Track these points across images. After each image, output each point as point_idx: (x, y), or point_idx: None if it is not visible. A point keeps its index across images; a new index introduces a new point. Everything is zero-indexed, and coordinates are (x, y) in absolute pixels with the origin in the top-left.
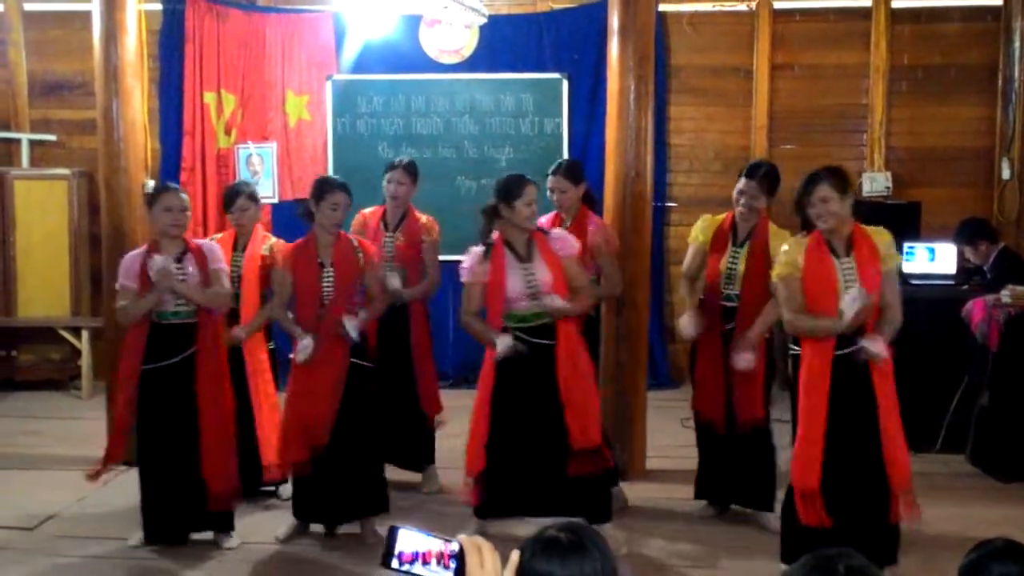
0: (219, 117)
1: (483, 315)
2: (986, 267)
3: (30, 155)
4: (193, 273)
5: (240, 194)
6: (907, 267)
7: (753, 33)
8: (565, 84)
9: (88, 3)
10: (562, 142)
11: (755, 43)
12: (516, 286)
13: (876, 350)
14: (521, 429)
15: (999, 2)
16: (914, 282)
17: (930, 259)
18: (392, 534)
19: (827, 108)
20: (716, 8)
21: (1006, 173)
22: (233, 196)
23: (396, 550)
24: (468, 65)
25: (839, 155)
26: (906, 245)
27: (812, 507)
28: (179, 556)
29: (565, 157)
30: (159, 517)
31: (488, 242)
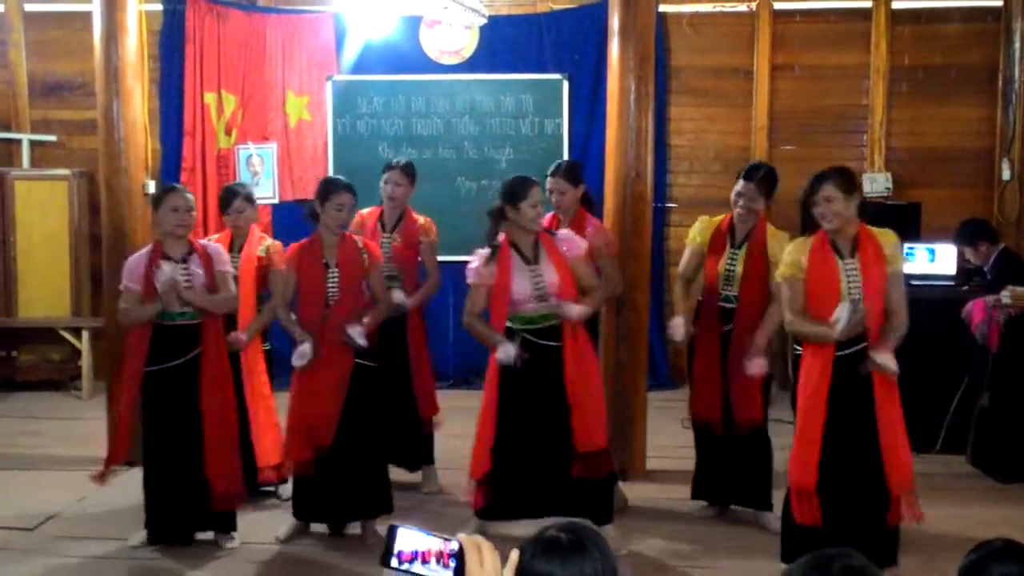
0: (219, 117)
1: (487, 316)
2: (986, 268)
3: (30, 155)
4: (198, 274)
5: (236, 195)
6: (907, 268)
7: (753, 34)
8: (565, 85)
9: (88, 3)
10: (562, 143)
11: (755, 44)
12: (523, 288)
13: (883, 362)
14: (527, 431)
15: (999, 3)
16: (914, 283)
17: (930, 260)
18: (391, 533)
19: (827, 109)
20: (716, 9)
21: (1006, 174)
22: (229, 197)
23: (395, 549)
24: (468, 66)
25: (839, 156)
26: (906, 246)
27: (807, 506)
28: (181, 556)
29: (565, 158)
30: (163, 517)
31: (494, 244)
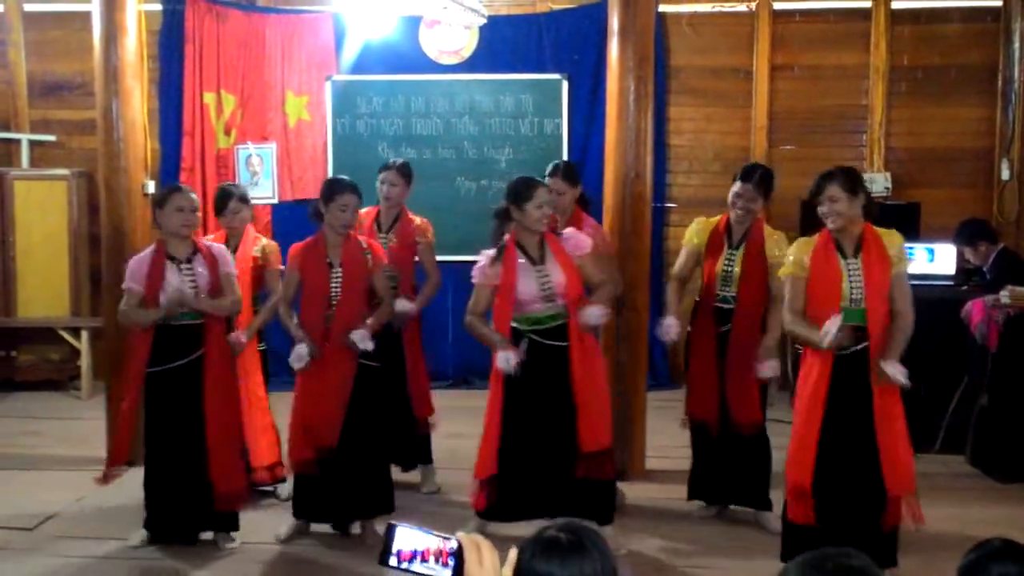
0: (219, 117)
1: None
2: (985, 268)
3: (30, 155)
4: (202, 274)
5: (231, 196)
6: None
7: (753, 34)
8: (565, 85)
9: (88, 3)
10: (562, 143)
11: (755, 44)
12: (529, 289)
13: (892, 373)
14: (533, 432)
15: (999, 3)
16: (913, 283)
17: (929, 260)
18: (390, 532)
19: (827, 109)
20: (716, 9)
21: (1005, 174)
22: (225, 199)
23: (394, 548)
24: (468, 66)
25: (839, 156)
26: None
27: (801, 505)
28: (183, 556)
29: (564, 158)
30: (164, 517)
31: (500, 244)
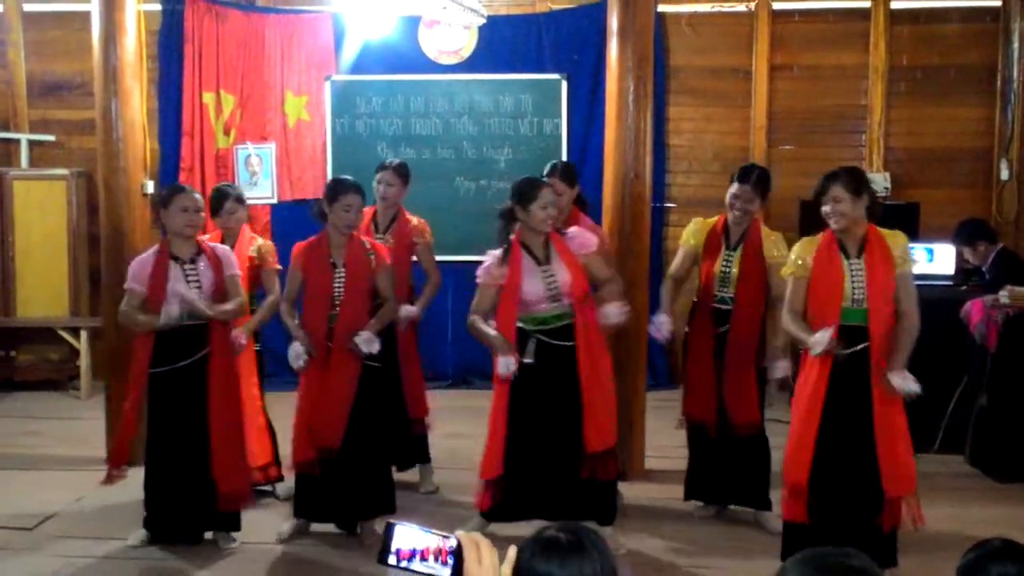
0: (218, 117)
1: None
2: (984, 268)
3: (29, 155)
4: (207, 275)
5: (228, 197)
6: None
7: (752, 34)
8: (564, 85)
9: (87, 3)
10: (561, 143)
11: (754, 44)
12: (535, 289)
13: (898, 385)
14: (539, 432)
15: (998, 3)
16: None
17: (929, 260)
18: (389, 531)
19: (826, 109)
20: (715, 9)
21: (1005, 174)
22: (221, 199)
23: (393, 547)
24: (467, 66)
25: (838, 156)
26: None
27: (797, 503)
28: (186, 556)
29: (564, 158)
30: (164, 517)
31: (506, 244)
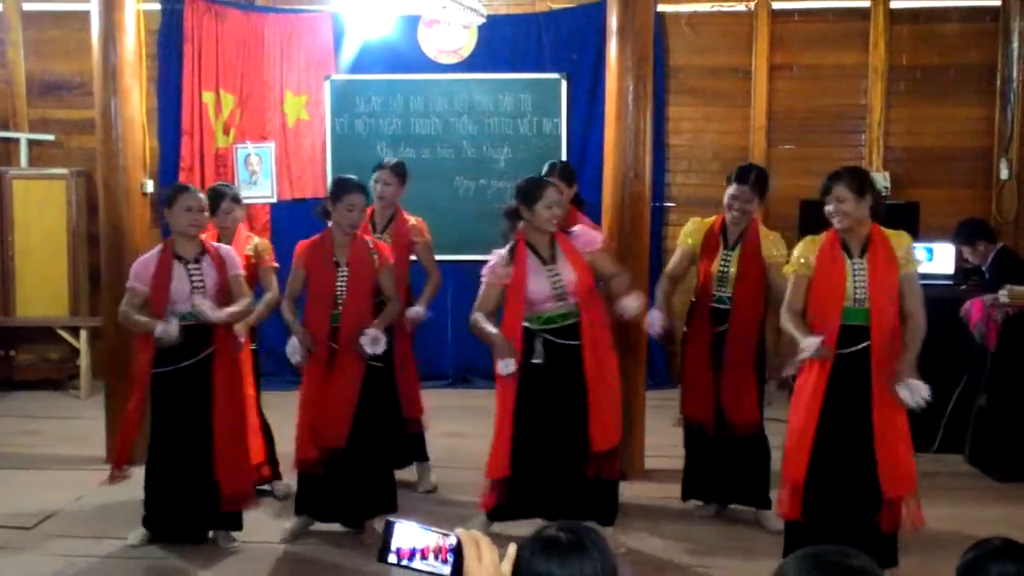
0: (217, 117)
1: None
2: (984, 267)
3: (28, 155)
4: (211, 275)
5: (224, 196)
6: None
7: (752, 33)
8: (564, 84)
9: (87, 3)
10: (561, 142)
11: (754, 43)
12: (541, 288)
13: (907, 397)
14: (545, 432)
15: (998, 2)
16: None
17: (928, 259)
18: (388, 529)
19: (826, 108)
20: (715, 8)
21: (1004, 173)
22: (217, 199)
23: (393, 545)
24: (467, 65)
25: (838, 155)
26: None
27: (792, 500)
28: (188, 556)
29: (564, 158)
30: (166, 516)
31: (512, 244)
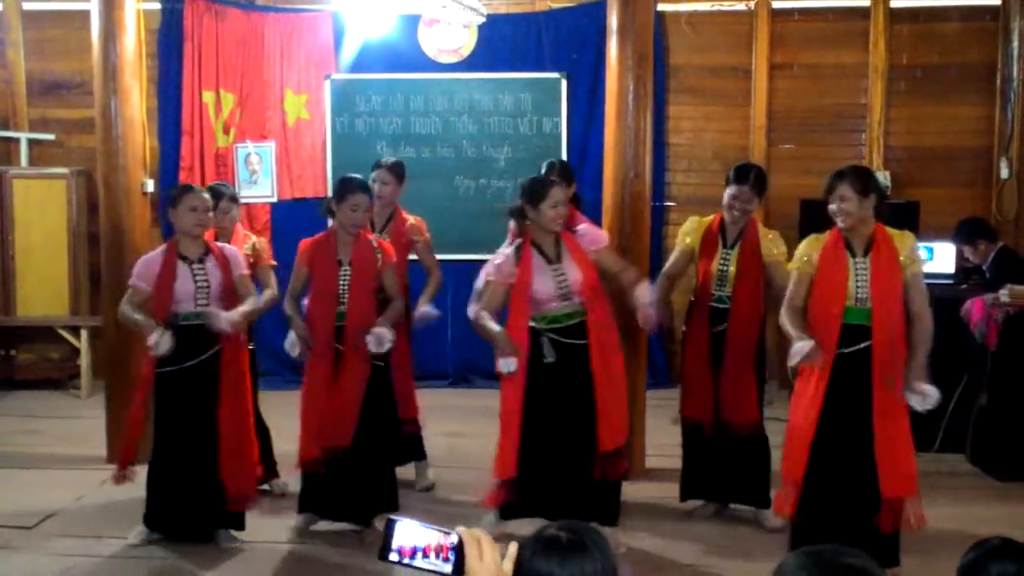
0: (218, 116)
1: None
2: (985, 266)
3: (29, 154)
4: (215, 274)
5: (221, 196)
6: None
7: (752, 33)
8: (564, 84)
9: (87, 2)
10: (561, 142)
11: (754, 43)
12: (546, 287)
13: (917, 404)
14: (553, 432)
15: (998, 2)
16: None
17: (929, 258)
18: (390, 527)
19: (826, 108)
20: (715, 8)
21: (1005, 172)
22: (215, 199)
23: (394, 543)
24: (467, 64)
25: (838, 155)
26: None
27: (789, 498)
28: (191, 556)
29: (564, 157)
30: (169, 515)
31: (517, 243)
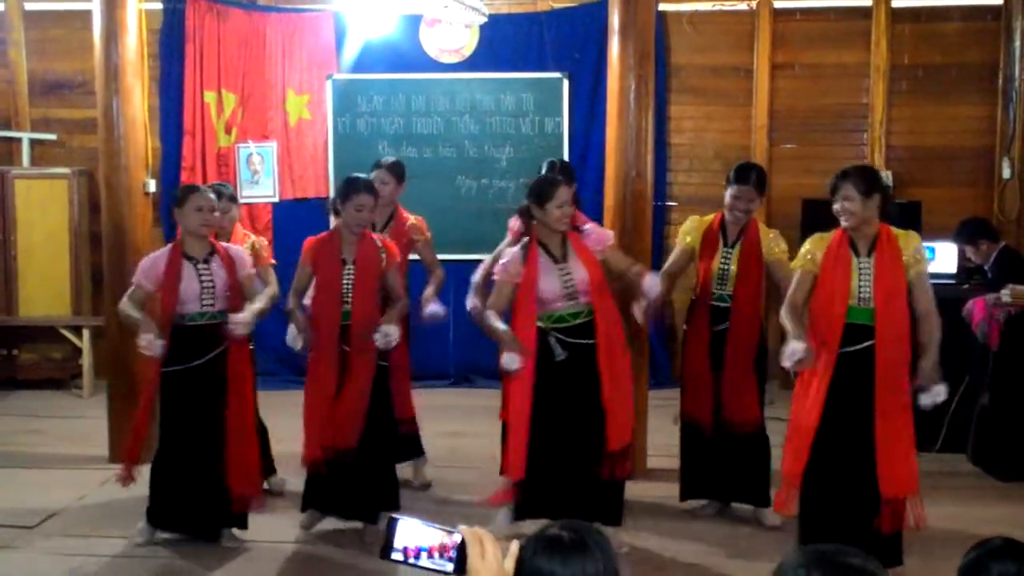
0: (219, 116)
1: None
2: (987, 266)
3: (31, 154)
4: (220, 275)
5: (221, 196)
6: None
7: (753, 32)
8: (565, 83)
9: (89, 2)
10: (562, 141)
11: (755, 42)
12: (552, 287)
13: (928, 405)
14: (561, 432)
15: (999, 1)
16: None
17: (930, 258)
18: (391, 526)
19: (827, 107)
20: (716, 7)
21: (1006, 172)
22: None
23: (396, 542)
24: (468, 64)
25: (839, 154)
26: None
27: (789, 497)
28: (195, 556)
29: (566, 157)
30: (170, 515)
31: (524, 243)
